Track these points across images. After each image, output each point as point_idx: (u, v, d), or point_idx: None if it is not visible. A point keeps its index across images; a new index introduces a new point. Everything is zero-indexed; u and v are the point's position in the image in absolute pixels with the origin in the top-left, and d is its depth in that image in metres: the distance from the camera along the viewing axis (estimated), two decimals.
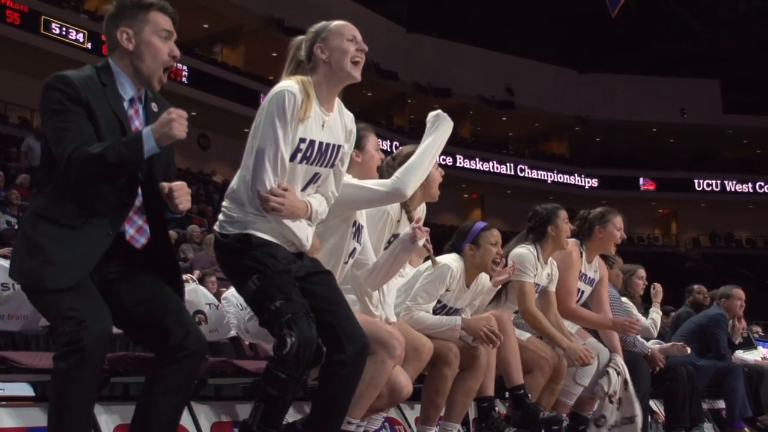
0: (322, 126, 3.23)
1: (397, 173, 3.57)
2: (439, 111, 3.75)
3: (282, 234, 3.17)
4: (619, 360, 5.40)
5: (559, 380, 4.99)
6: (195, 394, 4.03)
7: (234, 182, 3.23)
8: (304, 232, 3.23)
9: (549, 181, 35.15)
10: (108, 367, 3.46)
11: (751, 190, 37.20)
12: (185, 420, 3.89)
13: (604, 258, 5.84)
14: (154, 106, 3.10)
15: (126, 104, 3.02)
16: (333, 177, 3.37)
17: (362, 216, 3.75)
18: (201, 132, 26.42)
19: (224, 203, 3.23)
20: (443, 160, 26.90)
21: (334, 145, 3.28)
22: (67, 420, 2.73)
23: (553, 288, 5.17)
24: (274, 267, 3.06)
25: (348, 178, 3.59)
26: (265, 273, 3.04)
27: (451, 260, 4.37)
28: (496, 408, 4.78)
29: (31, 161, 15.10)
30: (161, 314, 2.93)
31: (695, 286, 8.34)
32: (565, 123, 35.70)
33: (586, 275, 5.48)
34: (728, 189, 37.15)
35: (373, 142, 3.88)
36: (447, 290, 4.40)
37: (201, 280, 8.94)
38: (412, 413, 4.80)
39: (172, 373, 2.87)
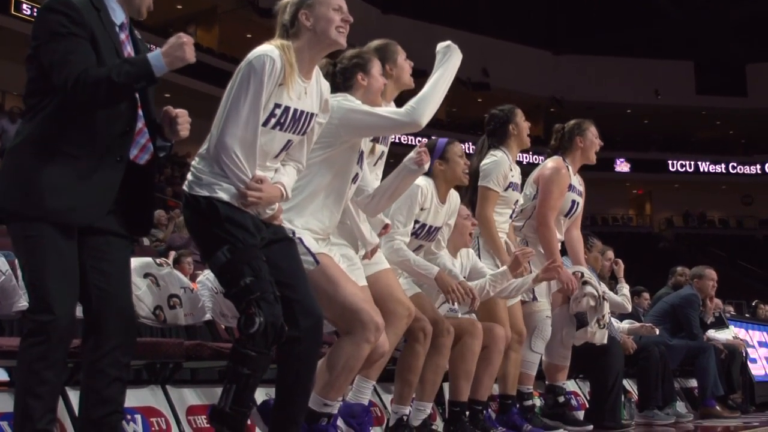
0: (299, 93, 3.21)
1: (412, 103, 3.54)
2: (450, 42, 3.76)
3: None
4: (586, 270, 5.51)
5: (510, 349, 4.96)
6: (170, 377, 4.04)
7: (206, 141, 3.19)
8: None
9: (524, 162, 35.15)
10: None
11: (723, 171, 37.47)
12: (161, 403, 3.90)
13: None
14: (137, 33, 3.08)
15: (117, 29, 2.99)
16: (303, 145, 3.36)
17: (365, 142, 3.77)
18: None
19: (194, 162, 3.20)
20: (417, 141, 26.82)
21: (308, 113, 3.27)
22: (30, 398, 2.74)
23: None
24: (244, 240, 3.05)
25: (359, 104, 3.59)
26: (236, 246, 3.03)
27: (417, 181, 4.30)
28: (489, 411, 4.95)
29: (4, 143, 14.92)
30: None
31: (678, 268, 8.41)
32: (540, 104, 35.71)
33: (575, 187, 5.54)
34: (701, 170, 37.39)
35: (377, 67, 3.84)
36: (422, 209, 4.42)
37: (177, 261, 8.91)
38: (388, 396, 4.82)
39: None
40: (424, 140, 4.56)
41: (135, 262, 4.12)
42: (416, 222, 4.40)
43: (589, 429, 5.55)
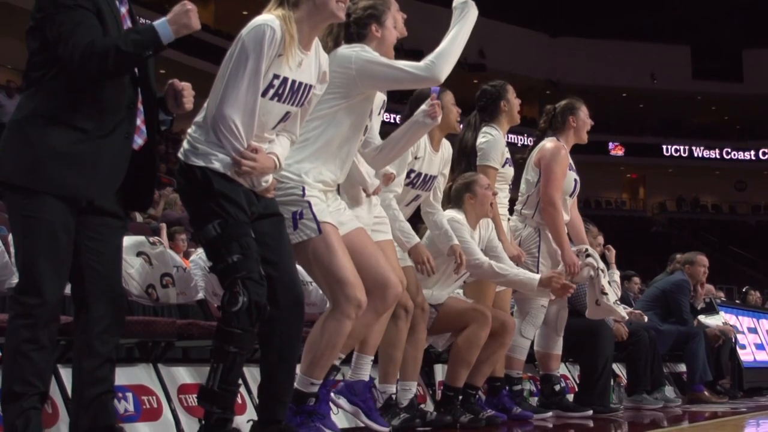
0: (298, 64, 3.19)
1: (431, 58, 3.52)
2: None
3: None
4: (589, 247, 5.54)
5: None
6: (162, 356, 4.05)
7: (203, 109, 3.18)
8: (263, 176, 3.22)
9: (519, 144, 35.22)
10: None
11: (718, 156, 37.53)
12: (152, 382, 3.92)
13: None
14: (134, 9, 3.08)
15: (118, 3, 2.98)
16: (297, 118, 3.34)
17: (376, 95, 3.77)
18: None
19: (190, 130, 3.18)
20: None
21: (306, 85, 3.25)
22: (17, 379, 2.77)
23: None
24: (236, 216, 3.05)
25: (377, 56, 3.57)
26: (227, 221, 3.04)
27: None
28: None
29: (1, 117, 14.85)
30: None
31: (678, 256, 8.41)
32: (535, 86, 35.63)
33: (572, 165, 5.55)
34: (696, 155, 37.44)
35: (391, 18, 3.81)
36: (416, 158, 4.44)
37: (171, 237, 8.92)
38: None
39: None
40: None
41: (128, 240, 4.12)
42: (411, 171, 4.42)
43: (589, 413, 5.59)
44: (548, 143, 5.48)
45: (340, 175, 3.63)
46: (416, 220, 4.64)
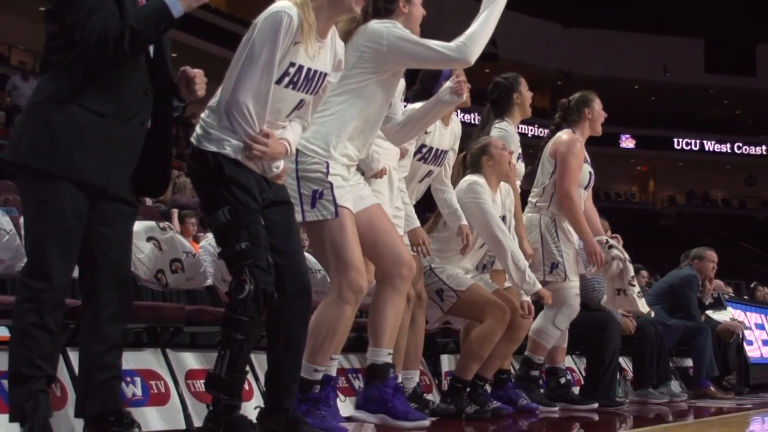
0: (314, 53, 3.18)
1: (463, 39, 3.52)
2: None
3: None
4: (605, 238, 5.54)
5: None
6: (170, 341, 4.07)
7: (217, 94, 3.17)
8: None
9: (529, 135, 35.14)
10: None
11: (729, 151, 37.39)
12: (160, 367, 3.93)
13: None
14: None
15: None
16: (310, 106, 3.34)
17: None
18: None
19: (203, 115, 3.18)
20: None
21: (321, 73, 3.24)
22: (24, 362, 2.79)
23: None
24: (246, 204, 3.05)
25: (409, 33, 3.57)
26: (237, 208, 3.04)
27: (417, 104, 4.28)
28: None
29: (15, 100, 14.90)
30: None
31: (692, 251, 8.38)
32: (547, 77, 35.53)
33: (587, 158, 5.54)
34: (707, 149, 37.31)
35: None
36: (426, 132, 4.42)
37: (181, 221, 8.94)
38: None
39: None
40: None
41: (138, 225, 4.12)
42: (423, 146, 4.41)
43: (594, 406, 5.59)
44: (564, 135, 5.46)
45: (363, 152, 3.65)
46: (422, 211, 4.62)
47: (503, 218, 4.82)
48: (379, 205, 3.74)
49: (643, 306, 5.52)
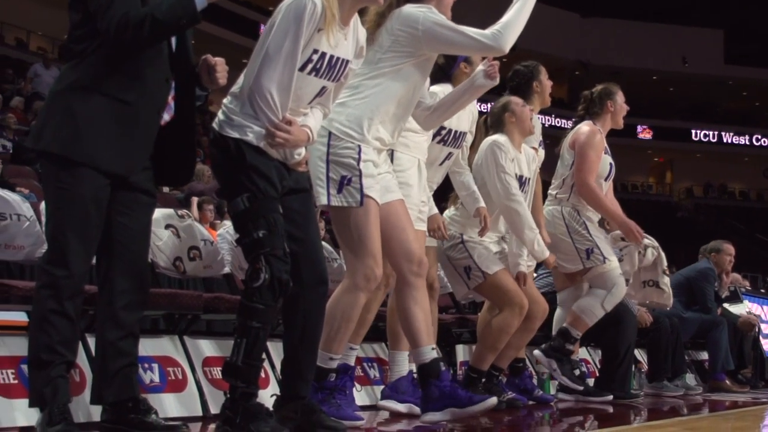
0: (337, 40, 3.18)
1: (498, 27, 3.52)
2: None
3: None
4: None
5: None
6: (187, 328, 4.10)
7: (240, 79, 3.16)
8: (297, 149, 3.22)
9: (547, 125, 35.05)
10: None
11: (747, 143, 37.14)
12: (178, 354, 3.96)
13: None
14: None
15: None
16: (331, 93, 3.33)
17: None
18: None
19: (225, 101, 3.18)
20: None
21: (343, 60, 3.23)
22: (44, 348, 2.81)
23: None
24: (265, 191, 3.05)
25: (445, 19, 3.55)
26: (256, 196, 3.04)
27: (434, 87, 4.28)
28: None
29: (35, 87, 15.02)
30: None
31: (710, 244, 8.34)
32: (565, 67, 35.39)
33: (608, 149, 5.54)
34: (725, 140, 37.07)
35: None
36: None
37: (199, 207, 8.99)
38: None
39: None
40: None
41: (157, 212, 4.13)
42: (442, 128, 4.37)
43: (609, 398, 5.58)
44: (584, 126, 5.45)
45: (394, 136, 3.65)
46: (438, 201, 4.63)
47: (524, 179, 4.80)
48: (402, 200, 3.72)
49: (669, 298, 5.53)
